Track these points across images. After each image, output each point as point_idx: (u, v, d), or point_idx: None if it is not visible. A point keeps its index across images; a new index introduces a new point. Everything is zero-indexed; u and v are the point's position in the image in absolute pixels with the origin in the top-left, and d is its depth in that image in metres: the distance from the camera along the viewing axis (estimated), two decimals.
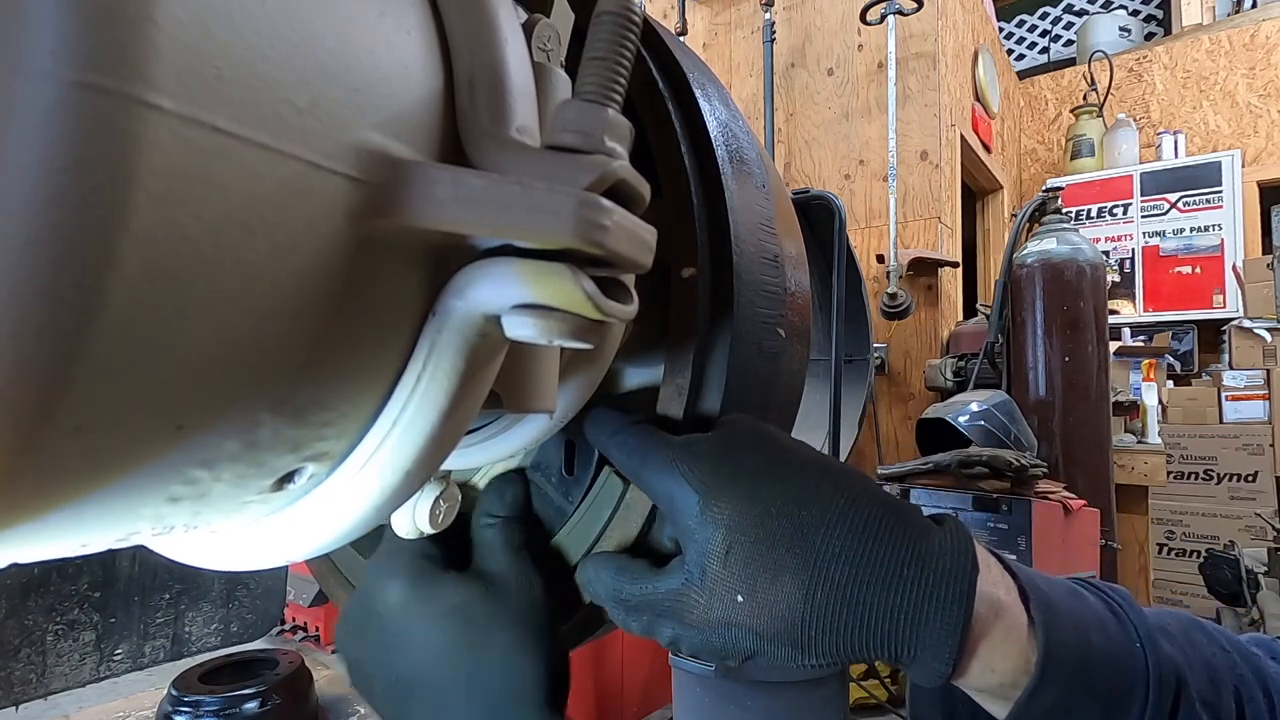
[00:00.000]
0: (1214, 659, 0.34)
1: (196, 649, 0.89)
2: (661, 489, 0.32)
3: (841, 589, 0.29)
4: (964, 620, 0.29)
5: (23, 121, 0.12)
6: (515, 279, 0.21)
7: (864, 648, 0.29)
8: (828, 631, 0.29)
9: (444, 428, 0.23)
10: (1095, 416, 1.96)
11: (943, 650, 0.29)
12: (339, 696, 1.05)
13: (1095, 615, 0.33)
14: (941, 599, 0.29)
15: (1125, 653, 0.32)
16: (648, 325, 0.36)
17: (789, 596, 0.29)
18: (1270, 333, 3.12)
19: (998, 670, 0.31)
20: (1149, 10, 4.86)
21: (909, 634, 0.29)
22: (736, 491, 0.31)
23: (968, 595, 0.29)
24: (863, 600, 0.29)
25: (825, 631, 0.29)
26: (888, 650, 0.29)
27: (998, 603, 0.31)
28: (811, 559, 0.29)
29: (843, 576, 0.29)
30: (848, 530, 0.30)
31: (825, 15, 2.66)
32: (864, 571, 0.29)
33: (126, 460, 0.16)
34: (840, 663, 0.30)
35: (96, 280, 0.13)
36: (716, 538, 0.30)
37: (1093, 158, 4.07)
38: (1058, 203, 2.09)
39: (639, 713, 1.09)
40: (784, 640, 0.29)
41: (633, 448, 0.33)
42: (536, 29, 0.28)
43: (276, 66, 0.16)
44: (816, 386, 1.65)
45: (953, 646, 0.29)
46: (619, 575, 0.33)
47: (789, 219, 0.44)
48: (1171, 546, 3.25)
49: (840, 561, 0.29)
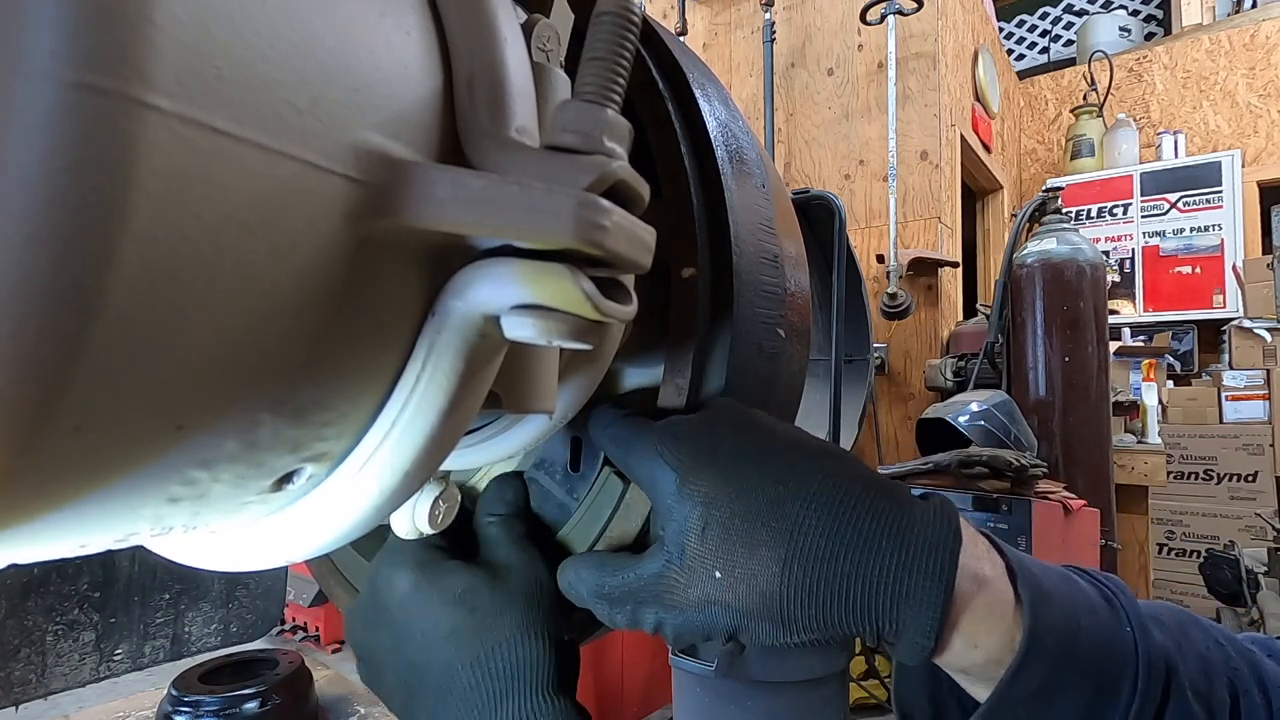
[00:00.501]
0: (1208, 652, 0.34)
1: (196, 649, 0.89)
2: (644, 472, 0.32)
3: (818, 561, 0.29)
4: (945, 592, 0.29)
5: (22, 122, 0.12)
6: (514, 279, 0.21)
7: (845, 621, 0.29)
8: (806, 605, 0.29)
9: (443, 428, 0.23)
10: (1095, 416, 1.96)
11: (924, 623, 0.29)
12: (339, 696, 1.05)
13: (1086, 599, 0.32)
14: (921, 570, 0.29)
15: (1115, 637, 0.31)
16: (648, 326, 0.36)
17: (765, 570, 0.29)
18: (1270, 333, 3.12)
19: (981, 646, 0.30)
20: (1149, 10, 4.86)
21: (889, 606, 0.29)
22: (713, 469, 0.31)
23: (948, 566, 0.29)
24: (840, 572, 0.29)
25: (804, 605, 0.29)
26: (869, 623, 0.29)
27: (981, 576, 0.30)
28: (787, 531, 0.29)
29: (819, 549, 0.29)
30: (825, 503, 0.30)
31: (825, 15, 2.66)
32: (841, 543, 0.29)
33: (126, 460, 0.16)
34: (823, 639, 0.30)
35: (96, 280, 0.13)
36: (694, 514, 0.30)
37: (1093, 158, 4.07)
38: (1058, 203, 2.10)
39: (639, 713, 1.09)
40: (763, 616, 0.29)
41: (621, 437, 0.33)
42: (536, 29, 0.28)
43: (276, 66, 0.16)
44: (816, 386, 1.65)
45: (934, 618, 0.29)
46: (600, 571, 0.33)
47: (789, 219, 0.44)
48: (1171, 546, 3.25)
49: (817, 534, 0.29)
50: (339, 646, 1.28)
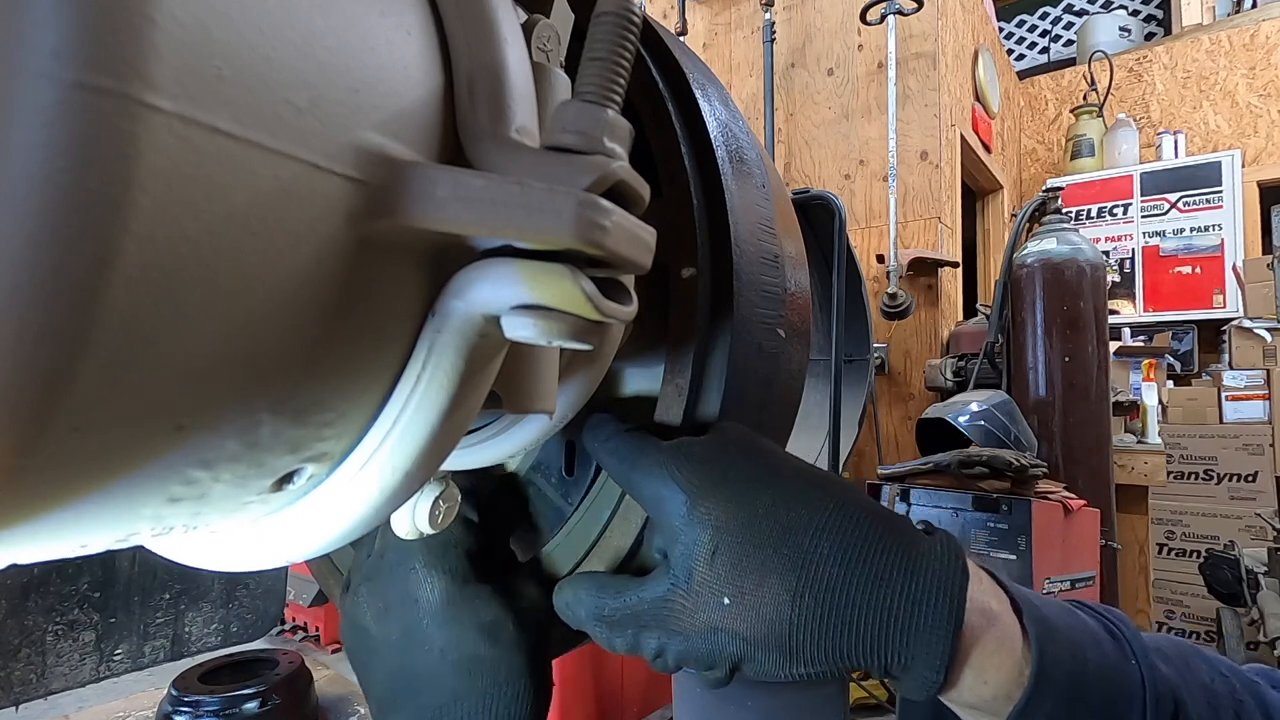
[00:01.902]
0: (1213, 684, 0.33)
1: (196, 649, 0.89)
2: (650, 491, 0.32)
3: (830, 591, 0.28)
4: (955, 625, 0.28)
5: (23, 122, 0.12)
6: (515, 279, 0.21)
7: (854, 654, 0.29)
8: (816, 636, 0.28)
9: (443, 428, 0.23)
10: (1095, 416, 1.96)
11: (934, 657, 0.28)
12: (339, 696, 1.05)
13: (1090, 633, 0.32)
14: (932, 603, 0.29)
15: (1121, 670, 0.31)
16: (648, 326, 0.36)
17: (776, 599, 0.29)
18: (1270, 333, 3.12)
19: (990, 681, 0.30)
20: (1149, 10, 4.86)
21: (899, 639, 0.28)
22: (725, 493, 0.30)
23: (959, 600, 0.29)
24: (852, 603, 0.28)
25: (814, 636, 0.28)
26: (878, 657, 0.29)
27: (989, 611, 0.30)
28: (799, 561, 0.29)
29: (831, 579, 0.29)
30: (836, 533, 0.29)
31: (825, 15, 2.66)
32: (853, 574, 0.29)
33: (126, 461, 0.16)
34: (829, 673, 0.29)
35: (96, 280, 0.13)
36: (704, 538, 0.30)
37: (1093, 158, 4.07)
38: (1058, 203, 2.10)
39: (639, 713, 1.09)
40: (771, 645, 0.29)
41: (623, 453, 0.33)
42: (536, 29, 0.28)
43: (277, 66, 0.16)
44: (816, 386, 1.65)
45: (944, 652, 0.28)
46: (600, 592, 0.32)
47: (789, 219, 0.44)
48: (1171, 546, 3.25)
49: (829, 564, 0.29)
50: (339, 646, 1.28)
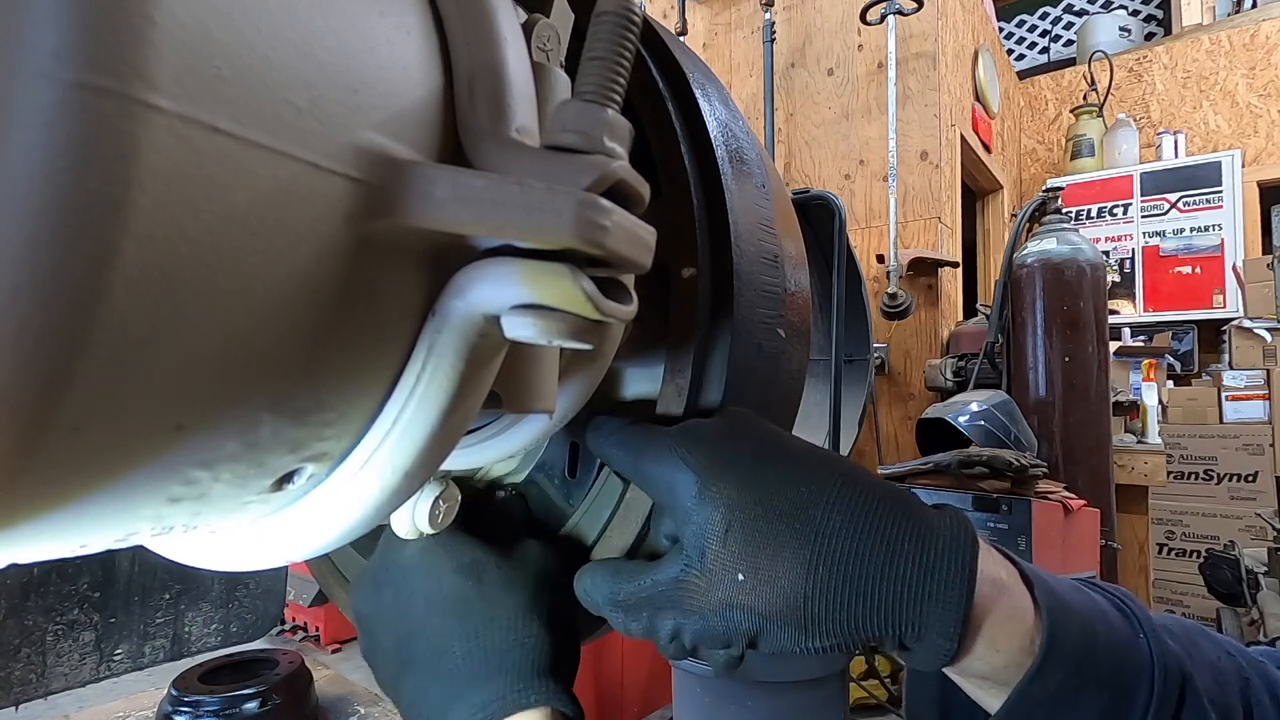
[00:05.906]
0: (1219, 661, 0.34)
1: (196, 649, 0.89)
2: (659, 476, 0.32)
3: (844, 563, 0.29)
4: (967, 594, 0.29)
5: (23, 121, 0.12)
6: (515, 279, 0.21)
7: (869, 624, 0.29)
8: (831, 607, 0.29)
9: (443, 428, 0.23)
10: (1095, 416, 1.96)
11: (948, 624, 0.29)
12: (339, 696, 1.05)
13: (1099, 607, 0.33)
14: (944, 571, 0.29)
15: (1130, 644, 0.32)
16: (648, 326, 0.36)
17: (791, 572, 0.29)
18: (1270, 333, 3.12)
19: (1002, 650, 0.30)
20: (1149, 10, 4.85)
21: (913, 609, 0.29)
22: (735, 473, 0.31)
23: (970, 569, 0.29)
24: (865, 574, 0.29)
25: (829, 607, 0.29)
26: (892, 627, 0.29)
27: (1000, 582, 0.31)
28: (812, 534, 0.29)
29: (844, 551, 0.29)
30: (847, 507, 0.30)
31: (825, 15, 2.66)
32: (865, 546, 0.29)
33: (126, 461, 0.16)
34: (843, 645, 0.30)
35: (96, 280, 0.13)
36: (715, 517, 0.30)
37: (1093, 158, 4.06)
38: (1058, 203, 2.09)
39: (639, 713, 1.09)
40: (787, 618, 0.29)
41: (630, 443, 0.33)
42: (536, 29, 0.28)
43: (277, 66, 0.16)
44: (816, 386, 1.65)
45: (958, 619, 0.29)
46: (616, 577, 0.33)
47: (789, 219, 0.44)
48: (1171, 546, 3.25)
49: (841, 536, 0.29)
50: (339, 646, 1.28)
